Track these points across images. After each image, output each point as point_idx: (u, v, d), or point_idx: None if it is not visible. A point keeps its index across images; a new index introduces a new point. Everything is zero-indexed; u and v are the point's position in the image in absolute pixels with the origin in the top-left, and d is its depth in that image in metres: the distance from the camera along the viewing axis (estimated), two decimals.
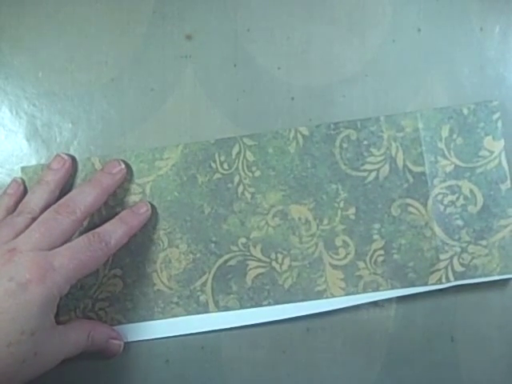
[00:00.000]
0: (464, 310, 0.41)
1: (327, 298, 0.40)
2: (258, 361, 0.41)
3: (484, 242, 0.40)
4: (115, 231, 0.38)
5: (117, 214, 0.39)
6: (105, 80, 0.41)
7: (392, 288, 0.40)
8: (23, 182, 0.40)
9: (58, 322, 0.37)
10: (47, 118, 0.41)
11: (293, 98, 0.41)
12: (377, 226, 0.40)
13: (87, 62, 0.41)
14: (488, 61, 0.41)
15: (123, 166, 0.40)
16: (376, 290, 0.40)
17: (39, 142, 0.41)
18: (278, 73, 0.41)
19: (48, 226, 0.36)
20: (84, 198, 0.37)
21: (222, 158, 0.40)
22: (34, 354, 0.34)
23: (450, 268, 0.40)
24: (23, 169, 0.41)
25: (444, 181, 0.40)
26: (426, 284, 0.40)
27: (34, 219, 0.37)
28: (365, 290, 0.40)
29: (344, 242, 0.40)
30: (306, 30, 0.41)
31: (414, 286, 0.40)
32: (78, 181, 0.41)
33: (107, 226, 0.38)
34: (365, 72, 0.41)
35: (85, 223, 0.40)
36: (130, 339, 0.40)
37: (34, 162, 0.41)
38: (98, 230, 0.37)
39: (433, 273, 0.39)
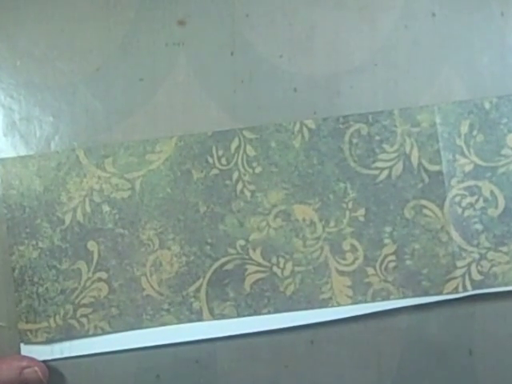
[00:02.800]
0: (483, 321, 0.40)
1: (333, 306, 0.39)
2: (257, 376, 0.40)
3: (505, 249, 0.39)
4: None
5: (103, 212, 0.40)
6: (89, 69, 0.41)
7: (404, 297, 0.39)
8: None
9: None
10: (26, 111, 0.41)
11: (296, 89, 0.40)
12: (388, 229, 0.39)
13: (70, 50, 0.41)
14: (509, 49, 0.40)
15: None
16: (386, 298, 0.39)
17: (17, 137, 0.41)
18: (280, 62, 0.41)
19: None
20: None
21: (220, 153, 0.40)
22: None
23: (467, 276, 0.39)
24: (1, 161, 0.41)
25: (462, 181, 0.39)
26: (440, 293, 0.39)
27: None
28: (374, 299, 0.39)
29: (352, 245, 0.39)
30: (310, 14, 0.41)
31: (427, 294, 0.39)
32: (61, 174, 0.40)
33: None
34: (374, 61, 0.40)
35: (67, 220, 0.40)
36: (115, 349, 0.40)
37: None
38: None
39: (449, 281, 0.39)
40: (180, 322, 0.39)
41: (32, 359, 0.38)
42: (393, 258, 0.39)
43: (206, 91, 0.40)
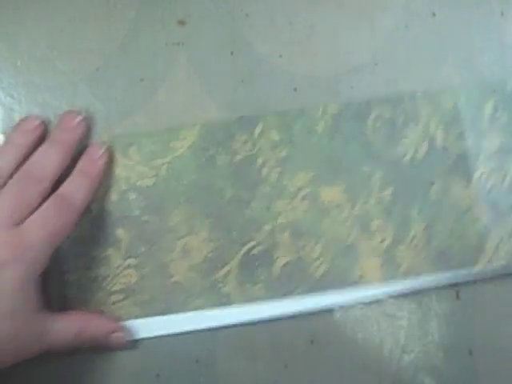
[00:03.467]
0: (483, 320, 0.40)
1: (364, 286, 0.39)
2: (256, 376, 0.40)
3: None
4: (79, 189, 0.37)
5: (130, 199, 0.40)
6: (89, 69, 0.41)
7: (434, 275, 0.39)
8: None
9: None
10: (26, 111, 0.40)
11: (295, 89, 0.40)
12: (416, 208, 0.39)
13: (70, 50, 0.41)
14: (509, 48, 0.41)
15: (81, 117, 0.39)
16: (416, 277, 0.39)
17: None
18: (280, 61, 0.41)
19: (17, 198, 0.35)
20: (49, 162, 0.37)
21: (244, 138, 0.40)
22: (12, 336, 0.34)
23: (496, 254, 0.39)
24: None
25: (488, 160, 0.40)
26: (471, 270, 0.39)
27: (1, 188, 0.37)
28: (405, 278, 0.39)
29: (380, 225, 0.39)
30: (310, 14, 0.41)
31: (458, 272, 0.39)
32: None
33: (69, 184, 0.37)
34: (374, 60, 0.41)
35: (95, 209, 0.40)
36: (147, 334, 0.40)
37: None
38: (61, 191, 0.37)
39: (479, 257, 0.39)
40: (210, 306, 0.39)
41: (120, 325, 0.39)
42: (422, 236, 0.39)
43: (206, 91, 0.40)
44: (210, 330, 0.39)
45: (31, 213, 0.35)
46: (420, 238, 0.39)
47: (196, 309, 0.39)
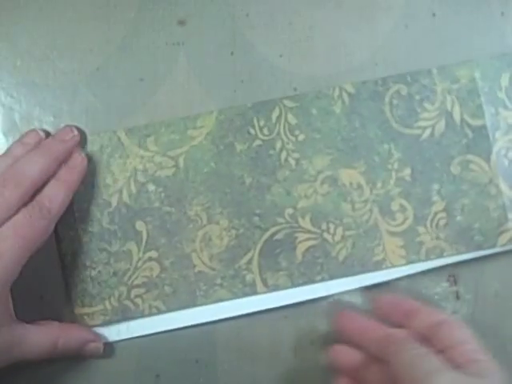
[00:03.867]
0: (483, 320, 0.40)
1: (387, 268, 0.40)
2: (257, 376, 0.40)
3: None
4: (56, 195, 0.37)
5: (149, 191, 0.40)
6: (89, 69, 0.41)
7: (457, 253, 0.40)
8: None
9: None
10: (26, 111, 0.41)
11: (295, 89, 0.41)
12: (436, 186, 0.40)
13: (70, 50, 0.41)
14: (510, 48, 0.41)
15: (76, 132, 0.40)
16: (440, 256, 0.40)
17: (17, 137, 0.40)
18: (280, 61, 0.41)
19: None
20: (31, 167, 0.37)
21: (262, 123, 0.40)
22: None
23: None
24: None
25: (507, 133, 0.40)
26: (494, 246, 0.40)
27: None
28: (428, 257, 0.40)
29: (401, 205, 0.40)
30: (310, 14, 0.41)
31: (481, 249, 0.40)
32: (105, 156, 0.40)
33: (45, 191, 0.37)
34: (374, 60, 0.41)
35: (114, 203, 0.40)
36: (171, 327, 0.40)
37: None
38: (37, 198, 0.37)
39: (502, 233, 0.40)
40: (234, 295, 0.40)
41: (96, 335, 0.39)
42: (443, 214, 0.40)
43: (206, 91, 0.41)
44: (210, 329, 0.40)
45: (10, 217, 0.35)
46: (441, 217, 0.40)
47: (220, 299, 0.40)
